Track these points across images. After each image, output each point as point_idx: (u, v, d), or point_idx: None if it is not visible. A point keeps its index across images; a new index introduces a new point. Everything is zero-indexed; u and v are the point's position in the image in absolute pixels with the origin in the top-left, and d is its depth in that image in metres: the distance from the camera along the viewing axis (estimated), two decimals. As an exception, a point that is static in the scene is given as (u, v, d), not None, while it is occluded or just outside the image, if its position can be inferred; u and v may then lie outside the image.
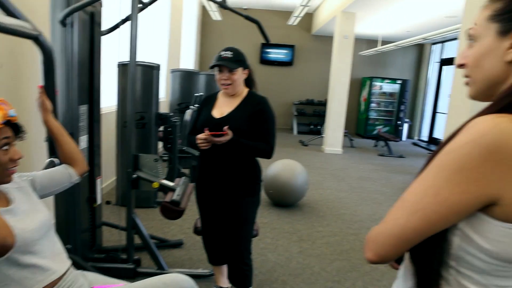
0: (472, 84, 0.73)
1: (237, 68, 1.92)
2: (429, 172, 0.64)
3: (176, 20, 7.51)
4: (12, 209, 1.21)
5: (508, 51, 0.66)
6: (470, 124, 0.62)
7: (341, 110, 7.53)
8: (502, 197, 0.58)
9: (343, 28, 7.17)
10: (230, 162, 1.94)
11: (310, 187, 4.96)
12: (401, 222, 0.64)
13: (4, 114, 1.12)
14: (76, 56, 1.98)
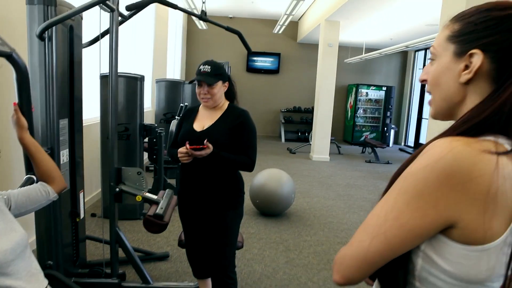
0: (432, 103, 0.74)
1: (216, 82, 1.92)
2: (390, 195, 0.65)
3: (162, 29, 7.50)
4: None
5: (462, 73, 0.67)
6: (428, 147, 0.63)
7: (328, 118, 7.58)
8: (459, 220, 0.59)
9: (328, 36, 7.25)
10: (212, 175, 1.93)
11: (297, 196, 4.96)
12: (365, 245, 0.64)
13: None
14: (55, 69, 1.96)
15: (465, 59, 0.66)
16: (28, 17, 1.93)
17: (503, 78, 0.63)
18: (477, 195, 0.58)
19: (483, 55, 0.64)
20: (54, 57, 1.96)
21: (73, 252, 2.40)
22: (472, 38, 0.65)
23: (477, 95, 0.66)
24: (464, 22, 0.67)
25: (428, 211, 0.60)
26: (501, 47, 0.63)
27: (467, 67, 0.66)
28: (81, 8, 1.81)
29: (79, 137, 2.34)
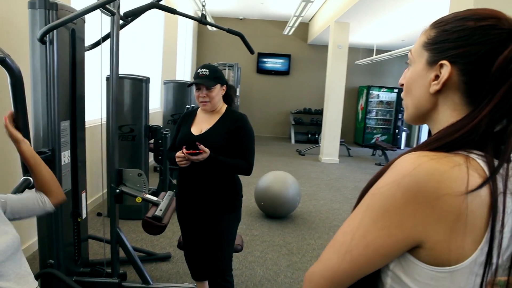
0: (406, 108, 0.72)
1: (214, 85, 1.93)
2: (358, 212, 0.63)
3: (171, 31, 7.56)
4: None
5: (432, 83, 0.65)
6: (396, 162, 0.61)
7: (337, 119, 7.53)
8: (426, 240, 0.57)
9: (337, 38, 7.21)
10: (209, 179, 1.94)
11: (304, 198, 4.94)
12: (332, 264, 0.62)
13: None
14: (56, 72, 1.99)
15: (436, 68, 0.64)
16: (30, 21, 1.96)
17: (475, 92, 0.61)
18: (444, 214, 0.55)
19: (451, 67, 0.62)
20: (55, 60, 2.00)
21: (75, 251, 2.43)
22: (443, 48, 0.63)
23: (448, 106, 0.65)
24: (440, 30, 0.65)
25: (393, 230, 0.58)
26: (470, 60, 0.61)
27: (437, 77, 0.64)
28: (80, 12, 1.84)
29: (82, 138, 2.37)
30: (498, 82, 0.59)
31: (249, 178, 5.65)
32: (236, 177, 2.04)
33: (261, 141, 10.00)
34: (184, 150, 1.81)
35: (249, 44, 2.51)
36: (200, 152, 1.80)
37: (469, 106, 0.63)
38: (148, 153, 3.84)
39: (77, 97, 2.27)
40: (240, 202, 2.06)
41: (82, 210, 2.44)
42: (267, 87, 10.97)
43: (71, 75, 2.21)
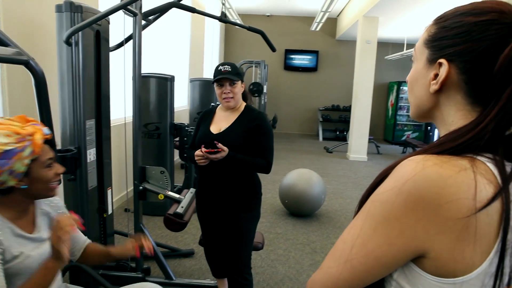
0: (410, 105, 0.69)
1: (237, 81, 1.94)
2: (358, 219, 0.60)
3: (198, 29, 7.65)
4: (34, 238, 1.25)
5: (431, 82, 0.61)
6: (398, 166, 0.57)
7: (366, 116, 7.38)
8: (429, 250, 0.53)
9: (366, 32, 7.05)
10: (228, 177, 1.94)
11: (330, 196, 4.89)
12: (333, 272, 0.60)
13: (42, 133, 1.18)
14: (81, 73, 2.06)
15: (435, 67, 0.61)
16: (57, 24, 2.04)
17: (477, 92, 0.58)
18: (448, 222, 0.51)
19: (449, 65, 0.59)
20: (81, 61, 2.06)
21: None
22: (442, 45, 0.60)
23: (452, 106, 0.61)
24: (439, 26, 0.61)
25: (394, 239, 0.55)
26: (469, 58, 0.57)
27: (437, 76, 0.61)
28: (103, 14, 1.89)
29: (107, 136, 2.44)
30: (502, 83, 0.55)
31: (274, 176, 5.65)
32: (255, 175, 2.04)
33: (288, 139, 9.96)
34: (203, 149, 1.83)
35: (270, 42, 2.49)
36: (218, 150, 1.81)
37: (474, 106, 0.59)
38: (173, 150, 3.90)
39: (102, 97, 2.34)
40: (259, 200, 2.06)
41: (108, 206, 2.51)
42: (295, 84, 10.89)
43: (96, 75, 2.27)
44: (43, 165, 1.19)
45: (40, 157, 1.18)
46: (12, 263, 1.15)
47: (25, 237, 1.22)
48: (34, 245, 1.24)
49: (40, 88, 1.36)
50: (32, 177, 1.18)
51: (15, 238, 1.19)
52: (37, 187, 1.20)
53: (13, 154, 1.09)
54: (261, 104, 8.49)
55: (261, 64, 8.20)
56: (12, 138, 1.10)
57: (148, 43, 5.04)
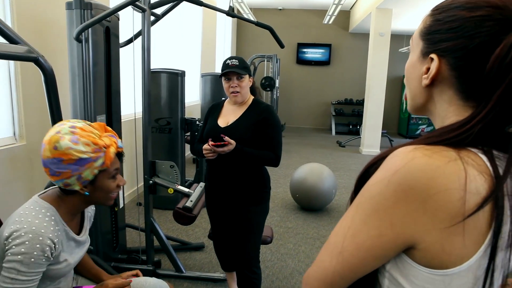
0: (407, 97, 0.69)
1: (245, 75, 1.94)
2: (349, 211, 0.60)
3: (210, 24, 7.65)
4: (81, 240, 1.30)
5: (423, 77, 0.61)
6: (389, 156, 0.57)
7: (379, 110, 7.29)
8: (419, 242, 0.53)
9: (379, 25, 6.94)
10: (236, 171, 1.96)
11: (341, 190, 4.86)
12: (326, 265, 0.60)
13: (116, 147, 1.21)
14: (92, 69, 2.09)
15: (427, 61, 0.60)
16: (67, 21, 2.07)
17: (468, 89, 0.57)
18: (438, 213, 0.51)
19: (440, 61, 0.58)
20: (91, 57, 2.10)
21: (113, 239, 2.57)
22: (435, 39, 0.59)
23: (444, 101, 0.60)
24: (434, 18, 0.60)
25: (384, 230, 0.54)
26: (460, 55, 0.56)
27: (428, 70, 0.60)
28: (111, 11, 1.91)
29: (118, 131, 2.48)
30: (493, 83, 0.53)
31: (285, 170, 5.64)
32: (264, 169, 2.05)
33: (301, 133, 9.93)
34: (210, 142, 1.84)
35: (279, 38, 2.48)
36: (225, 144, 1.82)
37: (466, 101, 0.58)
38: (184, 145, 3.94)
39: (112, 92, 2.37)
40: (268, 194, 2.06)
41: (119, 200, 2.56)
42: (307, 78, 10.82)
43: (107, 71, 2.31)
44: (109, 176, 1.22)
45: (109, 169, 1.21)
46: (55, 266, 1.18)
47: (75, 239, 1.26)
48: (78, 249, 1.28)
49: (50, 84, 1.40)
50: (96, 185, 1.21)
51: (67, 241, 1.23)
52: (98, 195, 1.24)
53: (87, 162, 1.13)
54: (273, 99, 8.47)
55: (273, 58, 8.17)
56: (90, 147, 1.13)
57: (160, 39, 5.08)
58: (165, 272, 2.57)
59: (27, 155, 2.51)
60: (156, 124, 3.71)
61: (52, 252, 1.12)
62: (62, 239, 1.19)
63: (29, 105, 2.55)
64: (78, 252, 1.30)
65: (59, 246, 1.16)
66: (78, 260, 1.31)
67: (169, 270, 2.61)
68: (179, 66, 5.53)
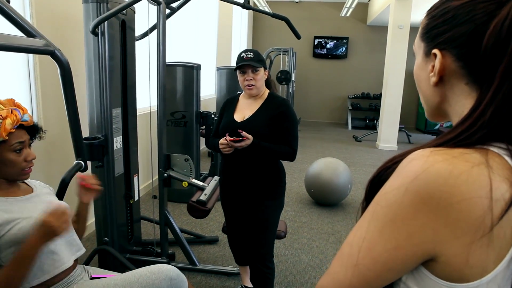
0: (423, 105, 0.66)
1: (260, 68, 1.93)
2: (363, 221, 0.56)
3: (226, 17, 7.63)
4: (30, 198, 1.33)
5: (430, 75, 0.59)
6: (404, 161, 0.53)
7: (397, 104, 7.16)
8: (440, 254, 0.50)
9: (398, 17, 6.79)
10: (252, 165, 1.95)
11: (357, 186, 4.81)
12: (340, 278, 0.57)
13: (17, 119, 1.23)
14: (108, 62, 2.10)
15: (431, 59, 0.58)
16: (84, 15, 2.09)
17: (478, 76, 0.54)
18: (460, 224, 0.47)
19: (442, 54, 0.56)
20: (107, 51, 2.11)
21: (128, 231, 2.60)
22: (433, 35, 0.58)
23: (458, 96, 0.58)
24: (430, 17, 0.59)
25: (402, 242, 0.51)
26: (460, 43, 0.54)
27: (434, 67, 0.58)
28: (126, 4, 1.92)
29: (133, 124, 2.50)
30: (493, 62, 0.51)
31: (300, 165, 5.61)
32: (280, 163, 2.04)
33: (316, 127, 9.85)
34: (227, 137, 1.84)
35: (295, 29, 2.45)
36: (243, 139, 1.81)
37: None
38: (199, 138, 3.95)
39: (128, 86, 2.39)
40: (284, 189, 2.05)
41: (134, 192, 2.59)
42: (324, 71, 10.70)
43: (122, 65, 2.32)
44: (11, 149, 1.25)
45: (8, 141, 1.23)
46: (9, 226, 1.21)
47: (21, 200, 1.29)
48: (35, 207, 1.30)
49: (66, 77, 1.41)
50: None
51: (8, 204, 1.26)
52: (5, 169, 1.26)
53: None
54: (289, 93, 8.41)
55: (289, 52, 8.09)
56: None
57: (176, 32, 5.09)
58: (179, 264, 2.59)
59: (45, 147, 2.55)
60: (171, 117, 3.73)
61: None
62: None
63: (47, 99, 2.59)
64: (42, 208, 1.30)
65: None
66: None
67: (183, 263, 2.63)
68: (195, 60, 5.54)
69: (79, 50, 2.60)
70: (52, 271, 1.30)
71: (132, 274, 1.43)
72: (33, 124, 1.33)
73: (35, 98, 2.52)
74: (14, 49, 1.23)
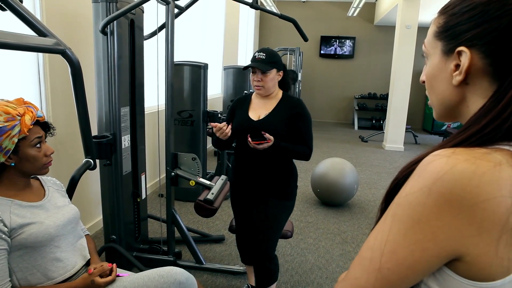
0: (432, 106, 0.65)
1: (269, 70, 1.92)
2: (385, 223, 0.56)
3: (233, 17, 7.63)
4: (43, 204, 1.35)
5: (454, 74, 0.58)
6: (422, 164, 0.53)
7: (404, 104, 7.12)
8: (465, 254, 0.50)
9: (406, 17, 6.75)
10: (267, 165, 1.96)
11: (363, 186, 4.80)
12: (361, 283, 0.56)
13: (34, 115, 1.27)
14: (116, 61, 2.12)
15: (454, 57, 0.57)
16: (93, 14, 2.10)
17: (506, 72, 0.53)
18: (485, 223, 0.48)
19: (470, 52, 0.55)
20: (116, 50, 2.12)
21: (135, 229, 2.61)
22: (456, 33, 0.56)
23: (478, 96, 0.57)
24: (448, 15, 0.58)
25: (426, 243, 0.51)
26: (490, 39, 0.53)
27: (458, 66, 0.57)
28: (135, 3, 1.93)
29: (141, 123, 2.51)
30: None
31: (306, 164, 5.60)
32: (293, 164, 2.06)
33: (322, 127, 9.83)
34: (250, 139, 1.84)
35: (302, 31, 2.44)
36: (267, 141, 1.83)
37: None
38: (206, 137, 3.96)
39: (136, 85, 2.40)
40: (295, 191, 2.07)
41: (142, 191, 2.60)
42: (330, 71, 10.68)
43: (131, 64, 2.33)
44: (31, 144, 1.28)
45: (28, 137, 1.26)
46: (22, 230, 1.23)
47: (34, 206, 1.31)
48: (46, 213, 1.33)
49: (76, 76, 1.42)
50: (21, 155, 1.27)
51: (23, 209, 1.28)
52: (27, 165, 1.30)
53: (3, 131, 1.18)
54: (295, 92, 8.41)
55: (296, 51, 8.09)
56: (2, 117, 1.18)
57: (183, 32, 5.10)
58: (185, 263, 2.60)
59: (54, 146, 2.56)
60: (178, 116, 3.74)
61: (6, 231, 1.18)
62: (12, 210, 1.24)
63: (56, 98, 2.62)
64: (53, 214, 1.34)
65: (9, 217, 1.22)
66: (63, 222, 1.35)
67: (189, 261, 2.64)
68: (202, 59, 5.55)
69: (88, 49, 2.62)
70: (56, 277, 1.31)
71: (141, 276, 1.44)
72: (45, 121, 1.35)
73: (45, 97, 2.55)
74: (26, 48, 1.24)
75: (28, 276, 1.25)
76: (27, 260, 1.25)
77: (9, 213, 1.23)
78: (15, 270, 1.23)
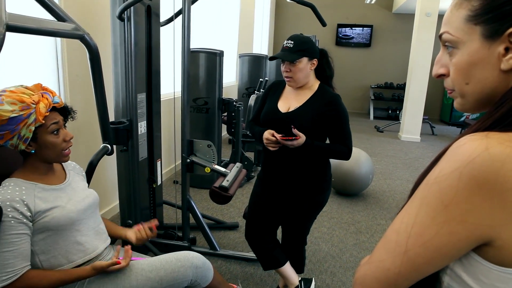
0: (460, 97, 0.61)
1: (298, 59, 1.75)
2: (412, 206, 0.55)
3: (248, 4, 7.56)
4: (64, 187, 1.37)
5: (504, 58, 0.53)
6: (454, 146, 0.52)
7: (421, 95, 6.99)
8: (496, 238, 0.49)
9: (426, 4, 6.58)
10: (300, 163, 1.82)
11: (378, 176, 4.75)
12: (386, 266, 0.56)
13: (49, 102, 1.27)
14: (133, 47, 2.12)
15: (502, 40, 0.53)
16: (111, 0, 2.10)
17: None
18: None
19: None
20: (133, 36, 2.12)
21: (150, 214, 2.65)
22: (505, 13, 0.52)
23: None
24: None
25: (455, 227, 0.50)
26: None
27: (507, 50, 0.53)
28: (153, -11, 1.91)
29: (157, 110, 2.52)
30: None
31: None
32: (328, 160, 1.91)
33: (337, 116, 9.72)
34: (276, 135, 1.73)
35: (321, 16, 2.40)
36: (296, 138, 1.68)
37: None
38: (221, 125, 3.96)
39: (152, 71, 2.40)
40: (330, 182, 1.94)
41: (157, 177, 2.63)
42: (346, 60, 10.51)
43: (147, 50, 2.33)
44: (48, 131, 1.29)
45: (45, 124, 1.27)
46: (46, 214, 1.26)
47: (56, 189, 1.34)
48: (68, 197, 1.35)
49: (94, 61, 1.43)
50: (40, 142, 1.28)
51: (45, 192, 1.30)
52: (47, 152, 1.31)
53: (19, 120, 1.19)
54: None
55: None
56: (17, 106, 1.19)
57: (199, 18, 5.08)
58: (200, 249, 2.63)
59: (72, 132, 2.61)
60: (193, 103, 3.75)
61: (21, 211, 1.20)
62: (36, 194, 1.27)
63: (74, 84, 2.64)
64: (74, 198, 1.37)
65: (33, 201, 1.24)
66: (83, 207, 1.38)
67: (204, 247, 2.67)
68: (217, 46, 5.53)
69: (105, 35, 2.62)
70: (77, 260, 1.34)
71: (158, 259, 1.45)
72: (64, 106, 1.36)
73: (63, 83, 2.58)
74: (46, 33, 1.25)
75: (51, 258, 1.29)
76: (50, 243, 1.28)
77: (33, 197, 1.25)
78: (38, 252, 1.26)
